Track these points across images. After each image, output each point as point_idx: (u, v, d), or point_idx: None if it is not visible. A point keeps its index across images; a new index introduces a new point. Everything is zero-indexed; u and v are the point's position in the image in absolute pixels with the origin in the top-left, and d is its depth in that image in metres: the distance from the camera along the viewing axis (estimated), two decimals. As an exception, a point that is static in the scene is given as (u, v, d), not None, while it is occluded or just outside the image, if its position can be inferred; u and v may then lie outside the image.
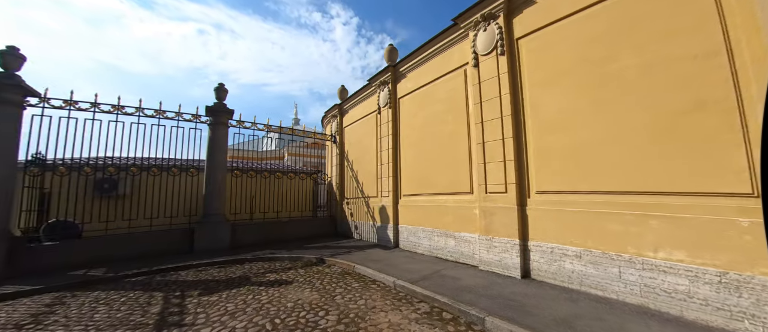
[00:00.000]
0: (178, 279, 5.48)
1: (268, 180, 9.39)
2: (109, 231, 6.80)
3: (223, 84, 8.69)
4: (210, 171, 8.06)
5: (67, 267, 6.10)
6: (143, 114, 7.43)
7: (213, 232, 7.71)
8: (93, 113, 6.87)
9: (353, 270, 5.67)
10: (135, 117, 7.31)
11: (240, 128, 8.88)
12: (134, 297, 4.44)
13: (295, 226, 9.52)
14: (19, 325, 3.60)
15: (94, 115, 6.87)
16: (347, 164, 10.46)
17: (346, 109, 10.80)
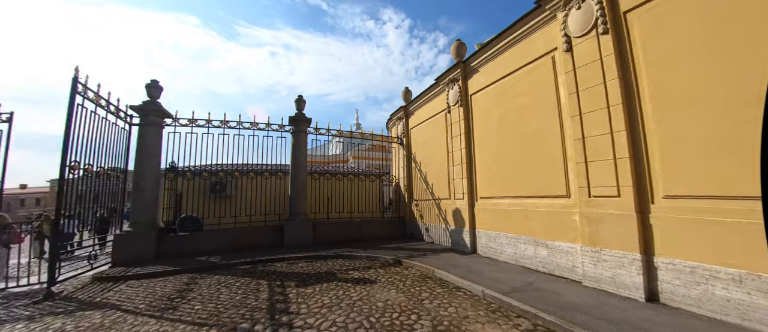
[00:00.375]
0: (275, 269, 6.19)
1: (341, 182, 9.96)
2: (221, 226, 8.11)
3: (302, 96, 9.55)
4: (294, 174, 8.94)
5: (194, 253, 7.49)
6: (242, 127, 8.68)
7: (298, 229, 8.53)
8: (207, 128, 8.31)
9: (433, 274, 5.53)
10: (236, 129, 8.59)
11: (316, 134, 9.63)
12: (245, 283, 5.15)
13: (367, 227, 9.87)
14: (170, 298, 4.51)
15: (208, 130, 8.29)
16: (415, 165, 10.39)
17: (411, 110, 10.75)
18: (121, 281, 5.67)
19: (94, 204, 6.18)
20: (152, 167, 7.50)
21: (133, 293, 4.87)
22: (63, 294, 4.99)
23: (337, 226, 9.37)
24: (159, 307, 4.12)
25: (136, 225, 7.04)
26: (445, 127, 8.70)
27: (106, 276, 5.84)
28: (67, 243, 6.72)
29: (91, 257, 6.22)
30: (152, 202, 7.38)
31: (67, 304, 4.49)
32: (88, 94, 6.05)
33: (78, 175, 5.60)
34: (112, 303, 4.43)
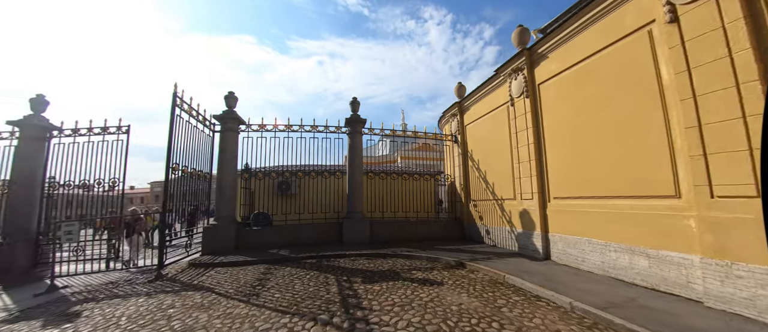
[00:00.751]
0: (338, 265, 6.39)
1: (396, 182, 9.95)
2: (287, 222, 8.74)
3: (356, 98, 9.80)
4: (351, 173, 9.21)
5: (265, 245, 8.18)
6: (303, 130, 9.25)
7: (356, 227, 8.74)
8: (274, 132, 9.04)
9: (504, 280, 5.11)
10: (298, 133, 9.18)
11: (371, 135, 9.79)
12: (314, 277, 5.40)
13: (423, 227, 9.68)
14: (253, 285, 4.94)
15: (275, 134, 9.02)
16: (472, 164, 9.87)
17: (466, 106, 10.25)
18: (210, 268, 6.45)
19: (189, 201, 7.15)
20: (231, 168, 8.42)
21: (222, 278, 5.47)
22: (168, 276, 5.85)
23: (392, 225, 9.37)
24: (245, 293, 4.53)
25: (219, 219, 7.96)
26: (507, 122, 8.08)
27: (199, 263, 6.70)
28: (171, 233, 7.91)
29: (187, 246, 7.20)
30: (231, 200, 8.28)
31: (173, 285, 5.23)
32: (184, 105, 7.04)
33: (177, 176, 6.54)
34: (207, 286, 5.03)
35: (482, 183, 9.21)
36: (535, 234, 6.78)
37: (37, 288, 5.81)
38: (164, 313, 3.84)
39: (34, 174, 7.75)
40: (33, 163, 7.75)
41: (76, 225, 5.70)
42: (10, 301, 5.02)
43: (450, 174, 11.19)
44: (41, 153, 7.92)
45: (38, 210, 7.79)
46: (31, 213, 7.62)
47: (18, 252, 7.11)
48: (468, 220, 9.93)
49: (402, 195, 10.11)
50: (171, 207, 6.41)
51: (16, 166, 7.63)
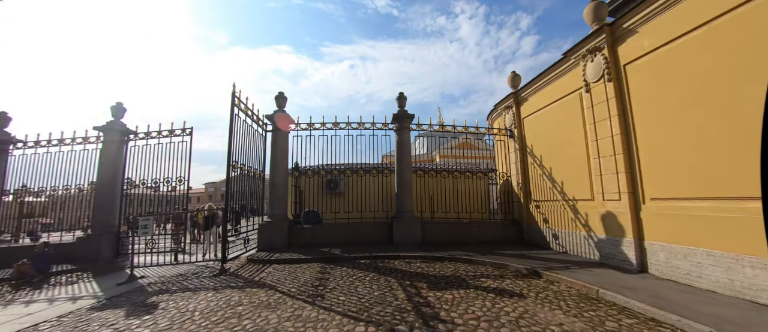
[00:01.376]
0: (394, 267, 6.02)
1: (446, 180, 9.36)
2: (337, 220, 8.62)
3: (403, 93, 9.40)
4: (399, 171, 8.84)
5: (316, 243, 8.13)
6: (350, 127, 9.09)
7: (407, 228, 8.34)
8: (322, 131, 9.00)
9: (598, 295, 4.31)
10: (346, 130, 9.05)
11: (419, 131, 9.32)
12: (374, 279, 5.07)
13: (477, 228, 8.97)
14: (314, 285, 4.75)
15: (323, 132, 8.98)
16: (532, 160, 8.91)
17: (524, 96, 9.30)
18: (267, 264, 6.49)
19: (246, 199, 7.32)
20: (283, 167, 8.53)
21: (281, 276, 5.40)
22: (230, 271, 5.96)
23: (444, 226, 8.81)
24: (308, 293, 4.35)
25: (273, 216, 8.09)
26: (579, 111, 7.08)
27: (256, 259, 6.80)
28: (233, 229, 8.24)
29: (246, 241, 7.38)
30: (284, 197, 8.38)
31: (236, 280, 5.28)
32: (241, 105, 7.21)
33: (236, 174, 6.70)
34: (269, 283, 4.96)
35: (546, 182, 8.23)
36: (624, 242, 5.76)
37: (119, 277, 6.28)
38: (234, 311, 3.76)
39: (115, 174, 8.56)
40: (114, 163, 8.58)
41: (151, 220, 6.08)
42: (98, 288, 5.44)
43: (504, 172, 10.27)
44: (121, 154, 8.74)
45: (119, 206, 8.61)
46: (113, 210, 8.43)
47: (103, 244, 7.88)
48: (528, 223, 8.98)
49: (451, 195, 9.47)
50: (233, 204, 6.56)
51: (101, 166, 8.50)
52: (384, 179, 9.14)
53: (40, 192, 8.69)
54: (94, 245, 7.80)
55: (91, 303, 4.55)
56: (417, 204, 9.23)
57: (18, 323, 3.86)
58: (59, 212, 9.13)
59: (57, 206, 8.93)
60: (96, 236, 7.91)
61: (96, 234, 7.96)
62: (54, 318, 3.94)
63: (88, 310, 4.21)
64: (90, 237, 7.93)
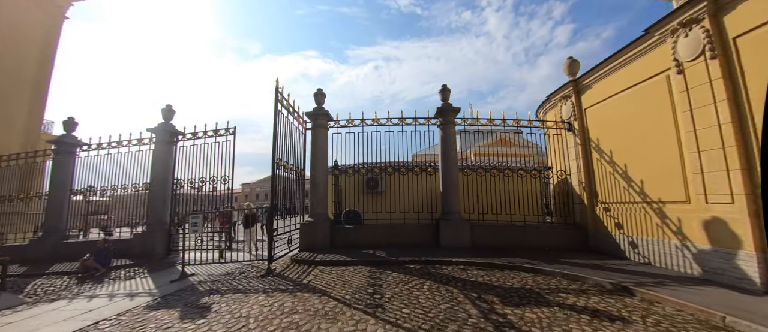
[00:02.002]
0: (449, 274, 5.44)
1: (496, 179, 8.55)
2: (378, 220, 8.20)
3: (446, 85, 8.75)
4: (444, 169, 8.21)
5: (357, 245, 7.76)
6: (391, 123, 8.63)
7: (455, 230, 7.70)
8: (362, 127, 8.63)
9: (725, 323, 3.40)
10: (386, 126, 8.60)
11: (465, 125, 8.63)
12: (434, 288, 4.53)
13: (532, 233, 8.07)
14: (368, 292, 4.32)
15: (363, 129, 8.61)
16: (599, 156, 7.83)
17: (586, 84, 8.22)
18: (312, 265, 6.21)
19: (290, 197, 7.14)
20: (323, 165, 8.29)
21: (330, 280, 5.05)
22: (276, 272, 5.74)
23: (494, 230, 8.02)
24: (366, 302, 3.92)
25: (314, 216, 7.86)
26: (667, 96, 5.99)
27: (300, 259, 6.56)
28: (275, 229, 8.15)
29: (290, 241, 7.20)
30: (324, 196, 8.13)
31: (284, 282, 5.01)
32: (284, 102, 7.04)
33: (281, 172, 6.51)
34: (319, 287, 4.62)
35: (618, 181, 7.15)
36: (740, 255, 4.66)
37: (172, 274, 6.36)
38: (290, 320, 3.43)
39: (166, 173, 8.88)
40: (165, 163, 8.90)
41: (200, 217, 6.06)
42: (153, 285, 5.47)
43: (561, 169, 9.18)
44: (170, 154, 9.06)
45: (170, 204, 8.92)
46: (164, 208, 8.73)
47: (157, 240, 8.17)
48: (594, 227, 7.90)
49: (500, 195, 8.62)
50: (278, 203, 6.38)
51: (154, 165, 8.85)
52: (428, 178, 8.56)
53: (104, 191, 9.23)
54: (148, 241, 8.10)
55: (147, 301, 4.50)
56: (466, 206, 8.52)
57: (80, 320, 3.85)
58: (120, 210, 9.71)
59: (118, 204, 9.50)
60: (150, 233, 8.21)
61: (150, 230, 8.27)
62: (113, 317, 3.89)
63: (144, 309, 4.14)
64: (145, 234, 8.25)
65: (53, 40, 14.44)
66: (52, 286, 5.86)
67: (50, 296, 5.22)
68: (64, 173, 9.38)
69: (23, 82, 12.26)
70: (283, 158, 7.06)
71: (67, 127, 9.68)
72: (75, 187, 9.52)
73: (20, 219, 9.82)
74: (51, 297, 5.15)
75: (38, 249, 8.52)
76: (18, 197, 9.98)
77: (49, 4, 13.69)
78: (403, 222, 8.17)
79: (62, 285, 5.93)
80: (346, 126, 8.66)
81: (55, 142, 9.55)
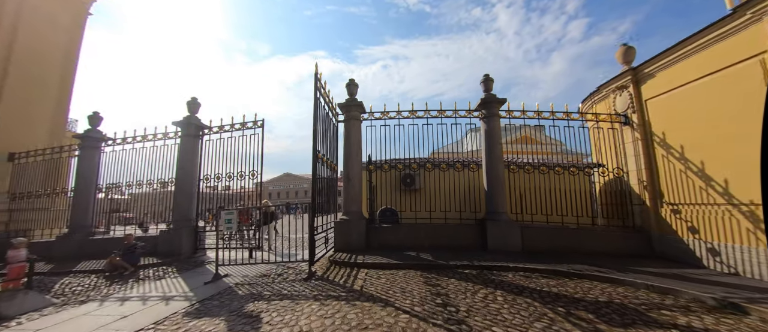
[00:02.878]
0: (512, 281, 4.81)
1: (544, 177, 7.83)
2: (418, 220, 7.60)
3: (489, 75, 8.09)
4: (489, 165, 7.56)
5: (395, 246, 7.18)
6: (429, 115, 8.03)
7: (504, 232, 7.03)
8: (398, 120, 8.06)
9: None
10: (424, 118, 8.01)
11: (509, 118, 7.94)
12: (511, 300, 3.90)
13: (588, 236, 7.34)
14: (436, 303, 3.71)
15: (399, 121, 8.04)
16: (665, 152, 7.04)
17: (649, 72, 7.43)
18: (354, 268, 5.66)
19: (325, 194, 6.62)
20: (357, 160, 7.76)
21: (384, 286, 4.49)
22: (318, 275, 5.22)
23: (546, 232, 7.31)
24: (443, 316, 3.33)
25: (349, 214, 7.32)
26: (760, 83, 5.20)
27: (339, 261, 6.03)
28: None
29: (326, 240, 6.69)
30: (359, 194, 7.60)
31: (334, 288, 4.47)
32: (322, 89, 6.54)
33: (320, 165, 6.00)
34: (377, 295, 4.06)
35: (693, 180, 6.36)
36: None
37: (202, 273, 5.92)
38: (362, 338, 2.87)
39: (192, 168, 8.51)
40: (191, 157, 8.53)
41: (234, 213, 5.59)
42: (187, 287, 5.02)
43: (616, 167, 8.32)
44: (196, 149, 8.69)
45: (196, 201, 8.55)
46: (191, 204, 8.36)
47: (183, 238, 7.79)
48: (659, 230, 7.10)
49: (547, 194, 7.89)
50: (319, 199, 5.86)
51: (180, 160, 8.50)
52: (471, 174, 7.90)
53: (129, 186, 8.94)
54: (175, 239, 7.73)
55: (184, 306, 4.04)
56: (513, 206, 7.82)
57: (114, 329, 3.40)
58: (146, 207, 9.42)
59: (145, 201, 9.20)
60: (177, 230, 7.85)
61: (176, 228, 7.91)
62: (150, 326, 3.42)
63: (183, 317, 3.66)
64: (171, 231, 7.89)
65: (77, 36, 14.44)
66: (79, 285, 5.50)
67: (79, 297, 4.83)
68: (89, 168, 9.14)
69: (49, 78, 12.19)
70: (321, 150, 6.55)
71: (92, 122, 9.45)
72: (100, 183, 9.29)
73: (46, 215, 9.65)
74: (79, 298, 4.76)
75: (64, 246, 8.27)
76: (44, 193, 9.82)
77: (73, 1, 13.66)
78: (444, 222, 7.55)
79: (90, 284, 5.57)
80: (381, 118, 8.11)
81: (81, 137, 9.33)
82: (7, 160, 10.41)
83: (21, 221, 9.68)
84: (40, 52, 11.76)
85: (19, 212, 9.83)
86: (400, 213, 7.78)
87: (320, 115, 6.61)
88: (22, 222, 9.66)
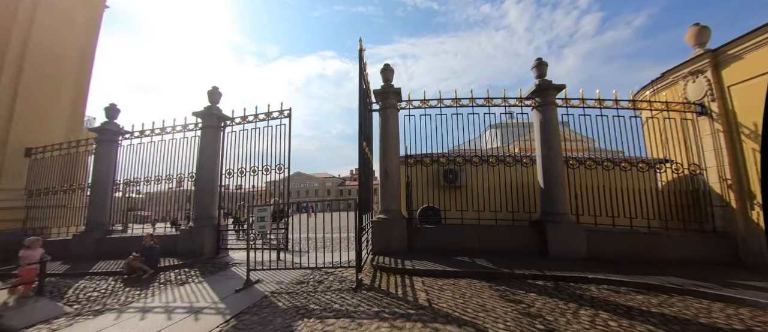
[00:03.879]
0: (599, 296, 3.98)
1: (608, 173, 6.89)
2: (464, 221, 6.78)
3: (542, 58, 7.21)
4: (546, 160, 6.68)
5: (441, 249, 6.37)
6: (475, 104, 7.22)
7: (567, 236, 6.15)
8: (439, 109, 7.26)
9: None
10: (469, 107, 7.20)
11: (567, 107, 7.04)
12: (626, 326, 3.06)
13: (663, 243, 6.40)
14: (536, 327, 2.93)
15: (440, 110, 7.24)
16: (756, 147, 6.03)
17: (734, 54, 6.43)
18: (403, 275, 4.89)
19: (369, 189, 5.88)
20: (396, 152, 7.01)
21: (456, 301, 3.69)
22: (366, 283, 4.46)
23: (615, 237, 6.39)
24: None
25: (388, 213, 6.57)
26: None
27: (384, 266, 5.27)
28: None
29: (367, 242, 5.94)
30: (398, 190, 6.85)
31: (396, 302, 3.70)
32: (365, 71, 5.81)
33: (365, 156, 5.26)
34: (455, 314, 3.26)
35: (803, 175, 5.34)
36: None
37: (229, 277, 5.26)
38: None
39: (214, 162, 7.91)
40: (213, 151, 7.92)
41: (267, 210, 4.88)
42: (215, 295, 4.34)
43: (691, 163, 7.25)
44: (218, 141, 8.08)
45: (218, 197, 7.94)
46: (212, 201, 7.75)
47: (205, 238, 7.17)
48: (747, 236, 6.10)
49: (607, 193, 6.93)
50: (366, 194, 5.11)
51: (201, 154, 7.90)
52: (524, 170, 7.02)
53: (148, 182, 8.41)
54: (196, 238, 7.12)
55: (218, 323, 3.33)
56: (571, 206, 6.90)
57: (141, 352, 2.71)
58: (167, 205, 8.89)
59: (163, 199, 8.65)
60: (197, 229, 7.23)
61: (197, 226, 7.30)
62: (183, 350, 2.72)
63: (221, 337, 2.96)
64: (192, 230, 7.28)
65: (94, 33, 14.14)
66: (95, 290, 4.90)
67: (94, 304, 4.21)
68: (106, 163, 8.65)
69: (65, 75, 11.81)
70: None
71: (108, 114, 8.95)
72: (117, 178, 8.79)
73: (64, 212, 9.20)
74: (95, 306, 4.13)
75: (82, 245, 7.77)
76: (61, 189, 9.39)
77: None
78: (494, 224, 6.70)
79: (107, 289, 4.96)
80: (420, 107, 7.31)
81: (97, 130, 8.85)
82: (24, 155, 10.03)
83: (38, 219, 9.27)
84: (56, 49, 11.36)
85: (36, 209, 9.43)
86: (444, 212, 6.96)
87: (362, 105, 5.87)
88: (39, 219, 9.25)
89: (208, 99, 8.31)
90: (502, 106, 7.17)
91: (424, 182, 7.54)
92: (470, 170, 7.35)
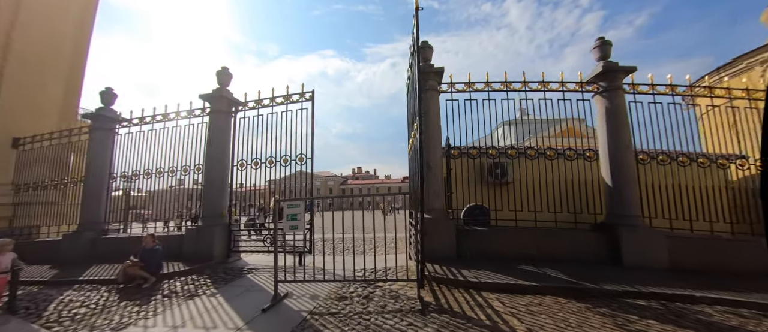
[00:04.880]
0: (724, 322, 3.05)
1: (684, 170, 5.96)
2: (518, 223, 5.84)
3: (604, 37, 6.28)
4: (614, 154, 5.75)
5: (493, 255, 5.44)
6: (528, 88, 6.29)
7: (644, 243, 5.23)
8: (487, 93, 6.33)
9: None
10: (522, 91, 6.27)
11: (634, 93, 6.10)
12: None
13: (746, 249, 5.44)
14: None
15: (488, 95, 6.31)
16: None
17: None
18: (470, 290, 3.95)
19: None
20: (437, 142, 6.09)
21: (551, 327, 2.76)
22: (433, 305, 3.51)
23: (696, 244, 5.44)
24: None
25: (432, 212, 5.63)
26: None
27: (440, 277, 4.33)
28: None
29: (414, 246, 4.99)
30: (441, 186, 5.92)
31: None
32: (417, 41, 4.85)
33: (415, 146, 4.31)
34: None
35: None
36: None
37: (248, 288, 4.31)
38: None
39: (224, 152, 6.95)
40: (223, 139, 6.97)
41: (300, 206, 3.92)
42: (237, 317, 3.38)
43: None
44: (229, 128, 7.13)
45: (229, 191, 6.99)
46: (223, 197, 6.76)
47: (215, 238, 6.20)
48: None
49: (675, 192, 5.98)
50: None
51: (209, 143, 6.94)
52: (586, 166, 6.07)
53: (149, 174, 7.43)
54: (204, 239, 6.16)
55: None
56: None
57: None
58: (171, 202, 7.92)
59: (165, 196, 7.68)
60: (207, 228, 6.27)
61: (206, 225, 6.34)
62: None
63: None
64: (200, 230, 6.32)
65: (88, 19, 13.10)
66: (83, 304, 3.94)
67: (79, 326, 3.26)
68: (102, 155, 7.65)
69: (57, 63, 10.78)
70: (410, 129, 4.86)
71: (104, 99, 7.94)
72: (114, 171, 7.81)
73: (56, 209, 8.17)
74: (80, 329, 3.18)
75: (73, 246, 6.77)
76: (52, 184, 8.38)
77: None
78: (554, 228, 5.77)
79: (98, 303, 4.00)
80: (465, 91, 6.37)
81: (92, 117, 7.85)
82: (11, 146, 9.02)
83: (27, 216, 8.27)
84: (47, 37, 10.32)
85: (24, 206, 8.42)
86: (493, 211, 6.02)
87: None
88: (28, 217, 8.25)
89: (217, 81, 7.33)
90: (560, 91, 6.24)
91: (463, 177, 6.59)
92: (520, 164, 6.40)
